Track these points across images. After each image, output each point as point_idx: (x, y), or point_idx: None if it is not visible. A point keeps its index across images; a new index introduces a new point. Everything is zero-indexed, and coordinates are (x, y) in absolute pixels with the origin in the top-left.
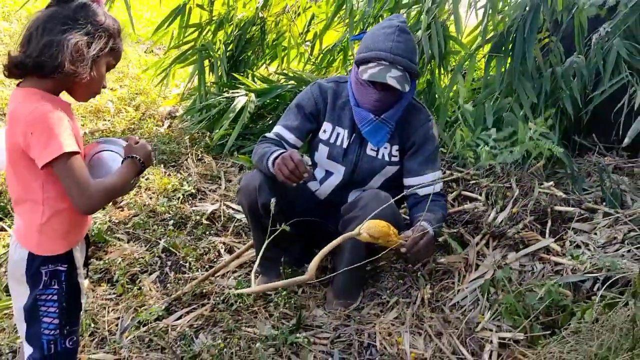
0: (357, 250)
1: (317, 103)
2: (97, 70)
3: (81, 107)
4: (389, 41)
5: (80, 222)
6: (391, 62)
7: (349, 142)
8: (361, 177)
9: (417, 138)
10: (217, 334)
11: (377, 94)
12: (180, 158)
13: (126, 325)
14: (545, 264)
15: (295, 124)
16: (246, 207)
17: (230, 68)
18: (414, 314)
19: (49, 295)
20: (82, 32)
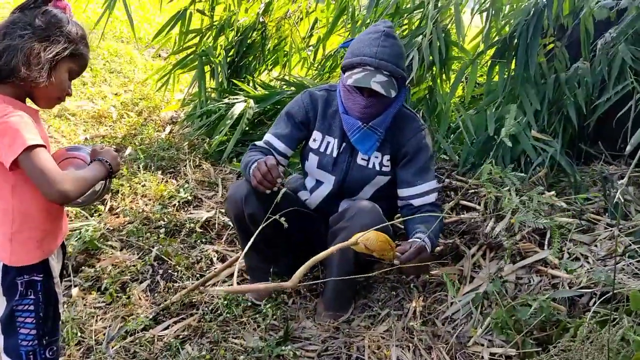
0: (346, 262)
1: (307, 112)
2: (56, 76)
3: (83, 113)
4: (374, 46)
5: (54, 229)
6: (376, 67)
7: (339, 152)
8: (351, 187)
9: (410, 148)
10: (204, 345)
11: (364, 101)
12: (179, 164)
13: (113, 335)
14: (542, 276)
15: (286, 132)
16: (233, 216)
17: (231, 74)
18: (405, 327)
19: (25, 305)
20: (41, 37)
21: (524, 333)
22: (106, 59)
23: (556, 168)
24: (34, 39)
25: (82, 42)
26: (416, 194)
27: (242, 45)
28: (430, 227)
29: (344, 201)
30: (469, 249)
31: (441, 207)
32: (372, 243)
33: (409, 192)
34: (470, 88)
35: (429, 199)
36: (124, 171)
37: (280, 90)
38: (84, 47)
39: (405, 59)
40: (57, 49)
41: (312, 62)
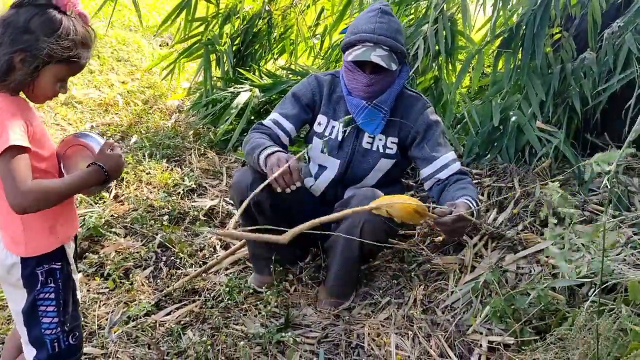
0: (349, 250)
1: (314, 94)
2: (39, 82)
3: (90, 101)
4: (372, 23)
5: (65, 216)
6: (375, 43)
7: (344, 135)
8: (356, 171)
9: (419, 127)
10: (205, 331)
11: (366, 78)
12: (184, 153)
13: (115, 320)
14: (542, 267)
15: (293, 112)
16: (238, 203)
17: (236, 62)
18: (405, 315)
19: (46, 294)
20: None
21: (523, 322)
22: (114, 47)
23: (561, 159)
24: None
25: (78, 47)
26: (440, 167)
27: (247, 34)
28: (469, 192)
29: (350, 189)
30: (471, 238)
31: (468, 174)
32: (398, 210)
33: (433, 167)
34: (477, 78)
35: (454, 168)
36: (129, 159)
37: (286, 79)
38: (81, 51)
39: (403, 36)
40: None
41: (318, 51)
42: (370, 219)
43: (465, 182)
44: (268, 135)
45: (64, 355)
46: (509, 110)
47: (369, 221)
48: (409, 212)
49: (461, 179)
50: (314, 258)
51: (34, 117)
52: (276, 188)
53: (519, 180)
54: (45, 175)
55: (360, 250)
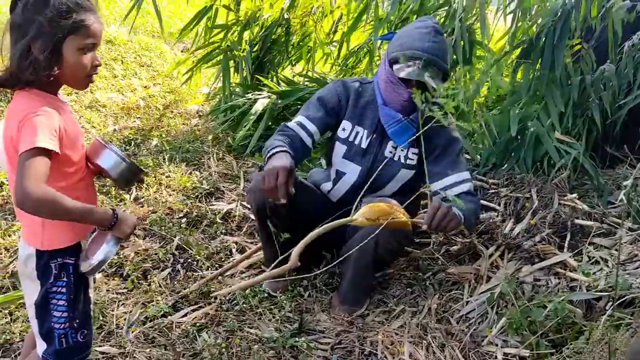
0: (364, 257)
1: (340, 99)
2: (67, 61)
3: (113, 104)
4: (426, 41)
5: None
6: (427, 63)
7: (369, 142)
8: (376, 179)
9: (440, 141)
10: (220, 334)
11: (408, 94)
12: (203, 157)
13: (133, 320)
14: (560, 279)
15: (318, 115)
16: (254, 208)
17: (255, 69)
18: (419, 323)
19: (58, 287)
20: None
21: (539, 334)
22: (137, 53)
23: (579, 171)
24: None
25: (77, 11)
26: (450, 184)
27: (266, 41)
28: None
29: (367, 197)
30: (486, 248)
31: (479, 197)
32: (370, 212)
33: (442, 183)
34: (494, 88)
35: (464, 188)
36: (149, 162)
37: (303, 86)
38: (83, 16)
39: (448, 56)
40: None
41: (335, 58)
42: (387, 229)
43: (469, 200)
44: (290, 137)
45: (71, 352)
46: (527, 121)
47: (383, 232)
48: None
49: (467, 199)
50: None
51: (69, 118)
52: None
53: (536, 191)
54: (72, 178)
55: (374, 258)
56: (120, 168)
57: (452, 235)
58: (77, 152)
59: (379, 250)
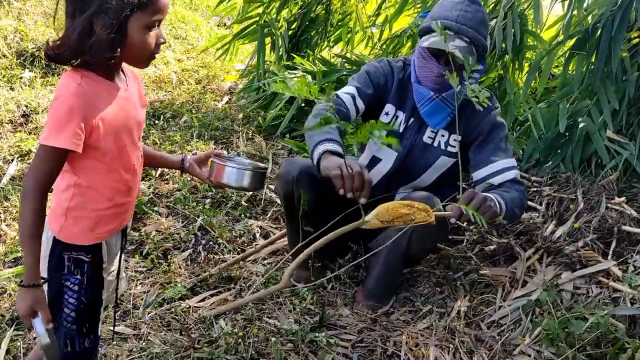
0: (395, 253)
1: (387, 81)
2: (132, 40)
3: (146, 77)
4: (456, 10)
5: (114, 214)
6: (456, 32)
7: (406, 126)
8: (413, 167)
9: (484, 126)
10: (238, 322)
11: (439, 68)
12: (232, 135)
13: (150, 301)
14: (602, 288)
15: (369, 92)
16: (282, 196)
17: (291, 47)
18: (447, 326)
19: (71, 284)
20: (94, 8)
21: (577, 348)
22: (173, 25)
23: (630, 173)
24: (92, 8)
25: None
26: (494, 171)
27: (305, 19)
28: (505, 193)
29: (403, 188)
30: (524, 251)
31: (524, 185)
32: (384, 215)
33: (487, 171)
34: (544, 80)
35: (509, 175)
36: (177, 138)
37: (341, 67)
38: None
39: (488, 28)
40: (118, 15)
41: (376, 42)
42: (420, 227)
43: (514, 189)
44: (338, 112)
45: (77, 358)
46: (577, 117)
47: (418, 229)
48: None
49: (512, 187)
50: (355, 256)
51: (119, 105)
52: (339, 189)
53: (582, 192)
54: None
55: (405, 254)
56: (246, 179)
57: (488, 234)
58: (118, 144)
59: (412, 246)
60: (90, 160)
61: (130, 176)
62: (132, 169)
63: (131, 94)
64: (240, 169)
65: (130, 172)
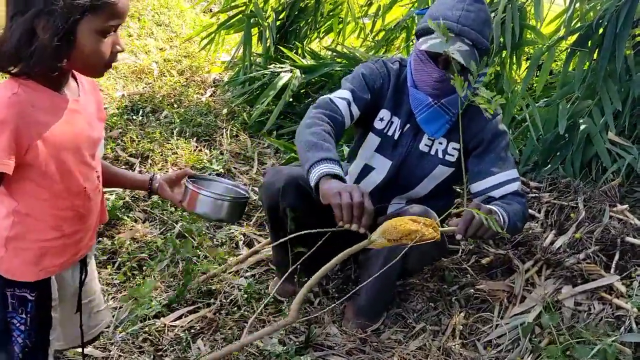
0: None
1: (383, 84)
2: (83, 44)
3: (125, 66)
4: (458, 9)
5: (65, 244)
6: (457, 34)
7: (401, 133)
8: (408, 176)
9: (485, 135)
10: (217, 342)
11: (438, 72)
12: (215, 132)
13: (122, 318)
14: (605, 305)
15: (365, 96)
16: (266, 207)
17: (279, 39)
18: (441, 346)
19: (18, 322)
20: (37, 7)
21: None
22: (155, 10)
23: (633, 177)
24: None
25: None
26: (496, 184)
27: (293, 9)
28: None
29: (397, 199)
30: (523, 263)
31: (525, 197)
32: (392, 233)
33: (487, 183)
34: (544, 77)
35: (510, 188)
36: (157, 135)
37: (331, 61)
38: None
39: (491, 27)
40: (58, 19)
41: (368, 33)
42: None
43: (516, 201)
44: (334, 123)
45: None
46: (578, 117)
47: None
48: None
49: (514, 200)
50: (343, 268)
51: (67, 120)
52: (338, 220)
53: (584, 199)
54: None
55: (402, 270)
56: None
57: (485, 244)
58: (64, 160)
59: (410, 261)
60: (29, 183)
61: (82, 202)
62: (82, 194)
63: (83, 106)
64: (217, 198)
65: (81, 197)
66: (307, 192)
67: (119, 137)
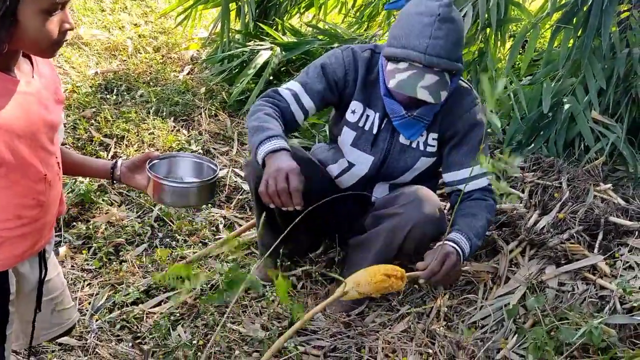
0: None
1: (347, 73)
2: (23, 29)
3: (98, 43)
4: (425, 37)
5: (23, 234)
6: (426, 66)
7: (380, 128)
8: (391, 170)
9: (462, 125)
10: (198, 329)
11: (409, 98)
12: (193, 112)
13: (98, 305)
14: (589, 285)
15: (318, 87)
16: (252, 185)
17: (258, 14)
18: (426, 329)
19: None
20: None
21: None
22: None
23: (617, 157)
24: None
25: None
26: (465, 177)
27: None
28: (473, 222)
29: (379, 184)
30: (507, 244)
31: (495, 193)
32: (365, 286)
33: (457, 175)
34: (529, 56)
35: (481, 183)
36: (132, 115)
37: (312, 38)
38: None
39: (462, 42)
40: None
41: (350, 8)
42: (420, 224)
43: (481, 206)
44: (281, 111)
45: None
46: (562, 96)
47: (418, 226)
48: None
49: (480, 201)
50: (327, 250)
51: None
52: (268, 203)
53: (567, 179)
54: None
55: (398, 253)
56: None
57: None
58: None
59: (407, 243)
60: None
61: (42, 188)
62: (43, 181)
63: (37, 88)
64: (181, 186)
65: (41, 185)
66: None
67: (92, 117)
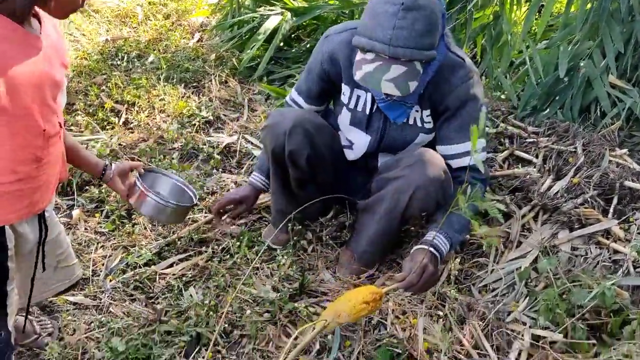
0: (393, 214)
1: (322, 63)
2: None
3: (108, 10)
4: (389, 28)
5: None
6: (390, 57)
7: (372, 109)
8: (390, 146)
9: (453, 100)
10: (209, 290)
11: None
12: (204, 78)
13: (112, 267)
14: (602, 249)
15: (305, 86)
16: (270, 150)
17: None
18: (436, 292)
19: None
20: None
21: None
22: None
23: (633, 122)
24: None
25: None
26: (454, 153)
27: None
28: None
29: (382, 154)
30: (519, 208)
31: (485, 174)
32: (344, 317)
33: (447, 150)
34: (545, 19)
35: (465, 161)
36: (143, 81)
37: (323, 3)
38: None
39: (435, 28)
40: None
41: None
42: (424, 185)
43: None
44: None
45: None
46: (579, 60)
47: (421, 187)
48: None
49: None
50: (337, 215)
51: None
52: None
53: (582, 144)
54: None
55: (404, 215)
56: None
57: None
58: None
59: (412, 205)
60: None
61: (41, 143)
62: (42, 135)
63: (45, 47)
64: (162, 204)
65: (40, 139)
66: (314, 137)
67: (103, 84)
